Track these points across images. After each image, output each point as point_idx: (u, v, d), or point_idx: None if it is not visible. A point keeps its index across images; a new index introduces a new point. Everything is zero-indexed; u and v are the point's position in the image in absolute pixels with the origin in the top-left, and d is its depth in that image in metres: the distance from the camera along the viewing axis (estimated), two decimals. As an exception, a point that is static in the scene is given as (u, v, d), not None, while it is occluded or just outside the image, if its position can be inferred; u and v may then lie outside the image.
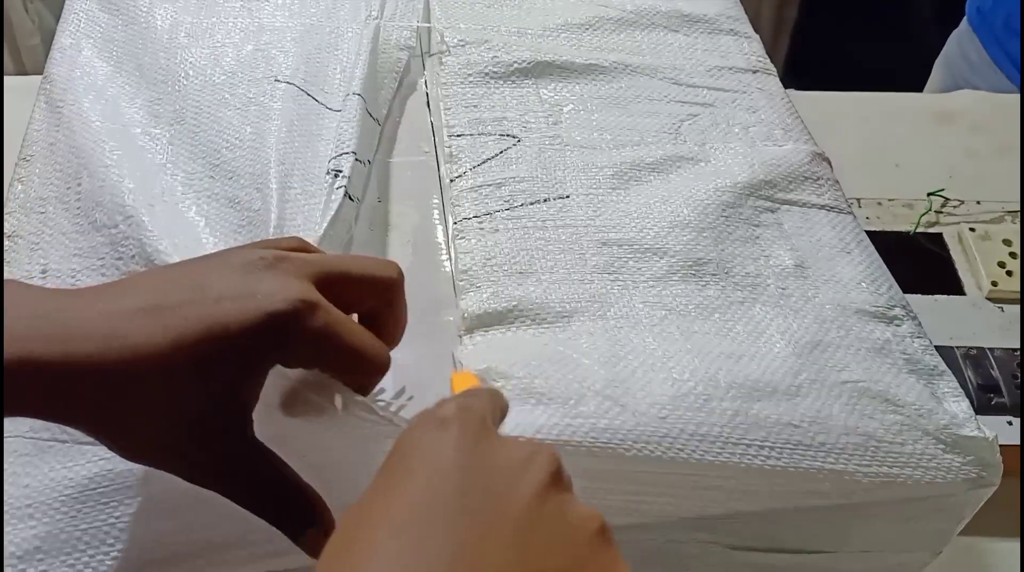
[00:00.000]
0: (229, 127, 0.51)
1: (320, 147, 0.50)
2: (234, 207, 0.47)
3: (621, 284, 0.46)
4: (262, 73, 0.54)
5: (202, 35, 0.57)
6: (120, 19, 0.58)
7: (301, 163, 0.49)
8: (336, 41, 0.57)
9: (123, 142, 0.50)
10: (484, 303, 0.44)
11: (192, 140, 0.51)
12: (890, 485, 0.40)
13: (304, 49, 0.56)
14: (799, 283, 0.47)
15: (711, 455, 0.39)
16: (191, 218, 0.47)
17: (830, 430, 0.40)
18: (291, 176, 0.48)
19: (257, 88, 0.53)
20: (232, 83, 0.54)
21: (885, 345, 0.45)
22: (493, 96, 0.56)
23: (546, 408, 0.39)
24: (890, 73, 0.99)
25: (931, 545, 0.44)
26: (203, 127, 0.51)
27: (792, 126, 0.57)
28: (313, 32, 0.58)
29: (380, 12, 0.60)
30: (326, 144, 0.50)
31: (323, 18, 0.59)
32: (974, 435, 0.41)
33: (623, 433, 0.39)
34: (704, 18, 0.64)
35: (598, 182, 0.51)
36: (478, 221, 0.49)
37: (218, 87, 0.53)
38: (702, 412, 0.40)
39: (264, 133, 0.50)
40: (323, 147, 0.50)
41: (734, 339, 0.44)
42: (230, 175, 0.49)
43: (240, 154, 0.50)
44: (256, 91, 0.53)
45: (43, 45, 1.18)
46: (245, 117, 0.51)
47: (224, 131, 0.51)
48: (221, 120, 0.52)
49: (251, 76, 0.54)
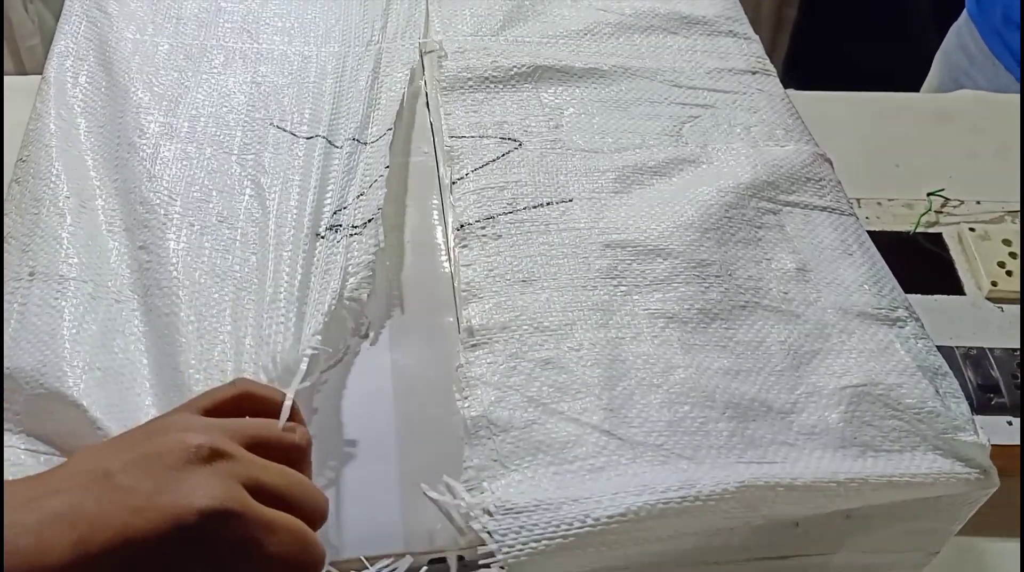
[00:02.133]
0: (221, 170, 0.51)
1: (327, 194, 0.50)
2: (228, 254, 0.47)
3: (624, 289, 0.46)
4: (261, 115, 0.54)
5: (200, 57, 0.57)
6: (115, 35, 0.58)
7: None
8: (340, 78, 0.57)
9: (109, 152, 0.51)
10: (487, 314, 0.45)
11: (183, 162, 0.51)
12: (887, 492, 0.40)
13: (303, 86, 0.56)
14: (801, 287, 0.47)
15: (707, 479, 0.39)
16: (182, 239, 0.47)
17: (827, 445, 0.41)
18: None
19: (254, 132, 0.53)
20: (229, 128, 0.54)
21: (888, 346, 0.45)
22: (493, 100, 0.56)
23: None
24: (890, 73, 0.98)
25: (928, 547, 0.44)
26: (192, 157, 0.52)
27: (793, 127, 0.57)
28: (312, 65, 0.58)
29: (380, 35, 0.60)
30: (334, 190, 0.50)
31: (322, 45, 0.59)
32: (971, 440, 0.41)
33: (621, 467, 0.39)
34: (703, 20, 0.64)
35: (600, 185, 0.51)
36: (480, 226, 0.49)
37: (213, 119, 0.54)
38: (698, 435, 0.40)
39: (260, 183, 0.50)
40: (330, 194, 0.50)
41: (732, 351, 0.44)
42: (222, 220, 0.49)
43: (235, 202, 0.50)
44: (252, 136, 0.53)
45: (43, 45, 1.18)
46: (243, 167, 0.51)
47: (215, 173, 0.51)
48: (215, 160, 0.52)
49: (248, 117, 0.54)
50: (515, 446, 0.40)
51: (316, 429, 0.41)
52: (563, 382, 0.42)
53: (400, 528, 0.38)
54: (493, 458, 0.39)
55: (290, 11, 0.62)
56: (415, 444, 0.41)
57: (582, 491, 0.38)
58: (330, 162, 0.52)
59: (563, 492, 0.38)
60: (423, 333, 0.45)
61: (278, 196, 0.49)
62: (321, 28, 0.61)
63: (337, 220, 0.49)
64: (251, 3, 0.62)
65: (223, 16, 0.61)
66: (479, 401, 0.41)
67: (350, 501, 0.39)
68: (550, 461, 0.39)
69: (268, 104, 0.55)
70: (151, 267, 0.46)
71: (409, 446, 0.41)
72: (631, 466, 0.39)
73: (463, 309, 0.45)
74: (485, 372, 0.42)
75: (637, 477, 0.39)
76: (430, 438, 0.41)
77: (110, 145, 0.52)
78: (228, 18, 0.61)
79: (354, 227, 0.48)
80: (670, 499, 0.38)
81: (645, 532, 0.38)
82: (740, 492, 0.38)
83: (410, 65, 0.58)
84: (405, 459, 0.40)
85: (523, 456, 0.39)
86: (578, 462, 0.39)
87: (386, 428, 0.42)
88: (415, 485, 0.39)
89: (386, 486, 0.39)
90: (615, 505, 0.37)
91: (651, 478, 0.38)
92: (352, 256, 0.47)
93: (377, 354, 0.44)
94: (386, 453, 0.41)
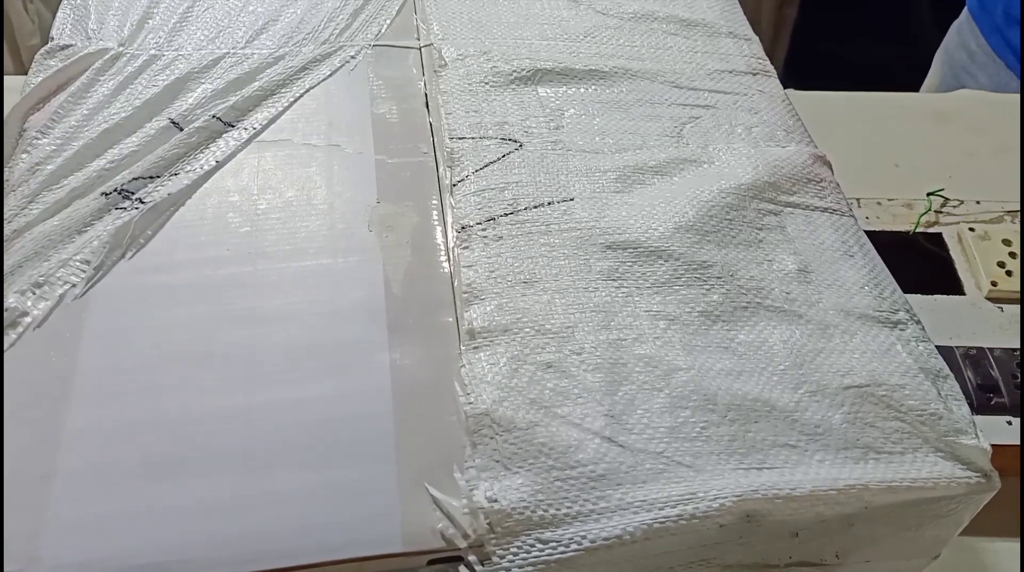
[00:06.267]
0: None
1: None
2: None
3: (626, 291, 0.46)
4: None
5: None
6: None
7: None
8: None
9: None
10: (489, 316, 0.45)
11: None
12: (890, 495, 0.40)
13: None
14: (802, 288, 0.47)
15: (707, 486, 0.39)
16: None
17: (828, 447, 0.41)
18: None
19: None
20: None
21: (890, 349, 0.45)
22: (494, 101, 0.56)
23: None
24: (890, 73, 0.99)
25: (929, 551, 0.44)
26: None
27: (793, 128, 0.57)
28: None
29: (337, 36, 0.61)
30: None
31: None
32: (972, 443, 0.41)
33: (621, 474, 0.39)
34: (703, 21, 0.64)
35: (601, 186, 0.51)
36: (481, 228, 0.49)
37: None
38: (699, 441, 0.40)
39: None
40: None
41: (735, 352, 0.44)
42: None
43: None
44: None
45: (43, 45, 1.18)
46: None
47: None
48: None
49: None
50: (517, 447, 0.40)
51: (316, 429, 0.41)
52: (565, 387, 0.42)
53: (399, 528, 0.38)
54: (495, 459, 0.39)
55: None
56: (415, 444, 0.41)
57: (580, 507, 0.38)
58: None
59: (561, 509, 0.38)
60: (423, 333, 0.45)
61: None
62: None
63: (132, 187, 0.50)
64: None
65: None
66: (482, 399, 0.41)
67: (349, 501, 0.39)
68: (552, 465, 0.39)
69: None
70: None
71: (409, 446, 0.41)
72: (631, 474, 0.39)
73: (465, 311, 0.45)
74: (487, 373, 0.42)
75: (636, 488, 0.39)
76: (430, 438, 0.41)
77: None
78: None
79: (140, 201, 0.49)
80: (667, 517, 0.38)
81: (641, 550, 0.38)
82: (738, 505, 0.38)
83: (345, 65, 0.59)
84: (405, 459, 0.40)
85: (525, 457, 0.39)
86: (579, 468, 0.39)
87: (386, 428, 0.41)
88: (415, 485, 0.39)
89: (386, 486, 0.39)
90: (612, 526, 0.38)
91: (649, 489, 0.39)
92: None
93: (377, 354, 0.44)
94: (386, 453, 0.41)
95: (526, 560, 0.37)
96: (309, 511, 0.38)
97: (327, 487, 0.39)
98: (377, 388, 0.43)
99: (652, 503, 0.38)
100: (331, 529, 0.38)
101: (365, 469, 0.40)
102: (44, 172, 0.51)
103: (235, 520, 0.38)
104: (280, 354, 0.44)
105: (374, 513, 0.39)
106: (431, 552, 0.38)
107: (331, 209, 0.51)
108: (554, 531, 0.37)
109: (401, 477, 0.40)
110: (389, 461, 0.40)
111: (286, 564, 0.37)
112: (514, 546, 0.37)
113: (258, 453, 0.40)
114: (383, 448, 0.41)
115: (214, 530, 0.38)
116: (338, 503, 0.39)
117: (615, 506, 0.38)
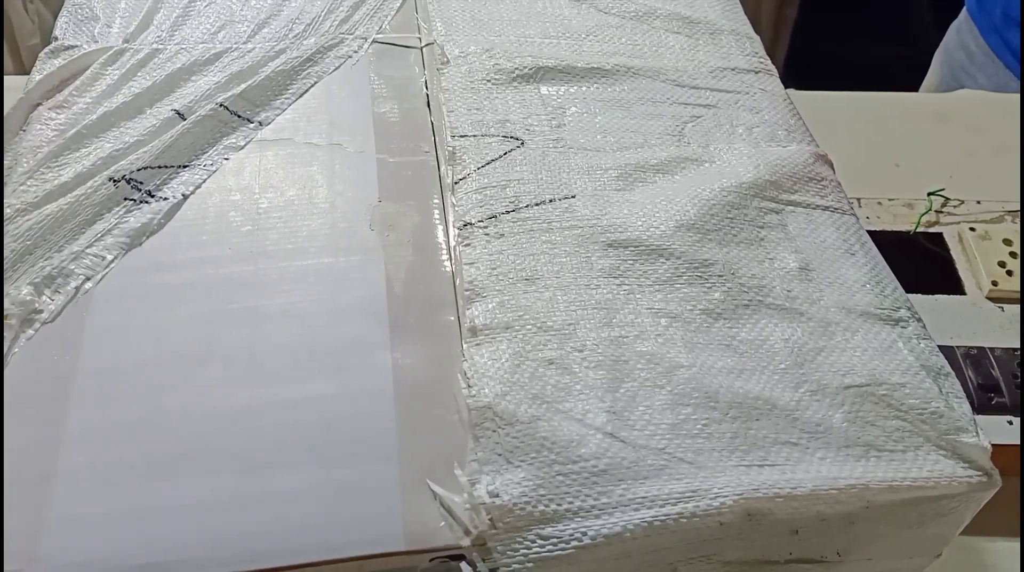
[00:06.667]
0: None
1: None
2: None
3: (627, 288, 0.46)
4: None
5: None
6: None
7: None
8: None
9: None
10: (490, 313, 0.45)
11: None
12: (891, 493, 0.40)
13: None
14: (804, 286, 0.47)
15: (708, 484, 0.39)
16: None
17: (830, 445, 0.41)
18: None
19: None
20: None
21: (891, 347, 0.45)
22: (495, 99, 0.56)
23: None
24: (890, 73, 0.99)
25: (931, 550, 0.44)
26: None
27: (795, 127, 0.57)
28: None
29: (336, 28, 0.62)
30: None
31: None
32: (973, 441, 0.41)
33: (623, 470, 0.39)
34: (704, 20, 0.64)
35: (603, 182, 0.51)
36: (483, 225, 0.49)
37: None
38: (700, 438, 0.40)
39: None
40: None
41: (736, 350, 0.44)
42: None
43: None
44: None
45: (43, 45, 1.18)
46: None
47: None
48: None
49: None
50: (519, 441, 0.40)
51: (317, 428, 0.41)
52: (566, 383, 0.42)
53: (400, 528, 0.38)
54: (497, 452, 0.39)
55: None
56: (415, 444, 0.41)
57: (581, 502, 0.38)
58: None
59: (562, 504, 0.38)
60: (424, 332, 0.45)
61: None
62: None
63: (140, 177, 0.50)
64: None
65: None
66: (485, 393, 0.41)
67: (350, 501, 0.39)
68: (553, 460, 0.39)
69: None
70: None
71: (409, 446, 0.41)
72: (632, 470, 0.39)
73: (466, 308, 0.45)
74: (489, 368, 0.42)
75: (637, 484, 0.39)
76: (430, 438, 0.41)
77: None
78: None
79: (149, 194, 0.50)
80: (668, 514, 0.38)
81: (641, 546, 0.38)
82: (739, 504, 0.38)
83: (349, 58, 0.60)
84: (405, 459, 0.40)
85: (527, 451, 0.39)
86: (581, 463, 0.39)
87: (386, 428, 0.41)
88: (415, 485, 0.39)
89: (388, 485, 0.39)
90: (613, 523, 0.37)
91: (651, 485, 0.39)
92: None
93: (378, 353, 0.44)
94: (386, 453, 0.40)
95: (527, 556, 0.37)
96: (310, 510, 0.38)
97: (328, 486, 0.39)
98: (378, 387, 0.43)
99: (653, 500, 0.38)
100: (332, 528, 0.38)
101: (367, 468, 0.40)
102: (45, 151, 0.51)
103: (236, 519, 0.38)
104: (281, 353, 0.44)
105: (376, 512, 0.38)
106: (433, 550, 0.38)
107: (333, 208, 0.51)
108: (555, 527, 0.37)
109: (403, 476, 0.40)
110: (391, 460, 0.40)
111: (288, 563, 0.37)
112: (515, 542, 0.37)
113: (259, 452, 0.40)
114: (384, 447, 0.41)
115: (215, 530, 0.38)
116: (339, 502, 0.39)
117: (616, 502, 0.38)
